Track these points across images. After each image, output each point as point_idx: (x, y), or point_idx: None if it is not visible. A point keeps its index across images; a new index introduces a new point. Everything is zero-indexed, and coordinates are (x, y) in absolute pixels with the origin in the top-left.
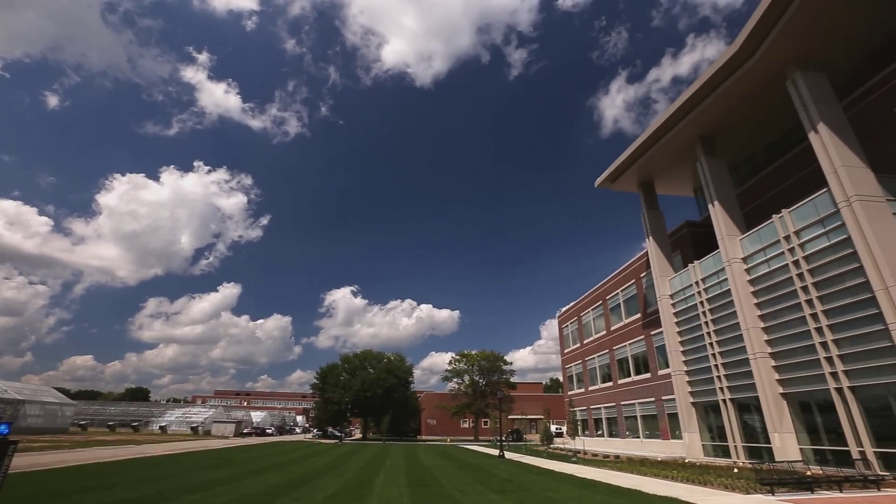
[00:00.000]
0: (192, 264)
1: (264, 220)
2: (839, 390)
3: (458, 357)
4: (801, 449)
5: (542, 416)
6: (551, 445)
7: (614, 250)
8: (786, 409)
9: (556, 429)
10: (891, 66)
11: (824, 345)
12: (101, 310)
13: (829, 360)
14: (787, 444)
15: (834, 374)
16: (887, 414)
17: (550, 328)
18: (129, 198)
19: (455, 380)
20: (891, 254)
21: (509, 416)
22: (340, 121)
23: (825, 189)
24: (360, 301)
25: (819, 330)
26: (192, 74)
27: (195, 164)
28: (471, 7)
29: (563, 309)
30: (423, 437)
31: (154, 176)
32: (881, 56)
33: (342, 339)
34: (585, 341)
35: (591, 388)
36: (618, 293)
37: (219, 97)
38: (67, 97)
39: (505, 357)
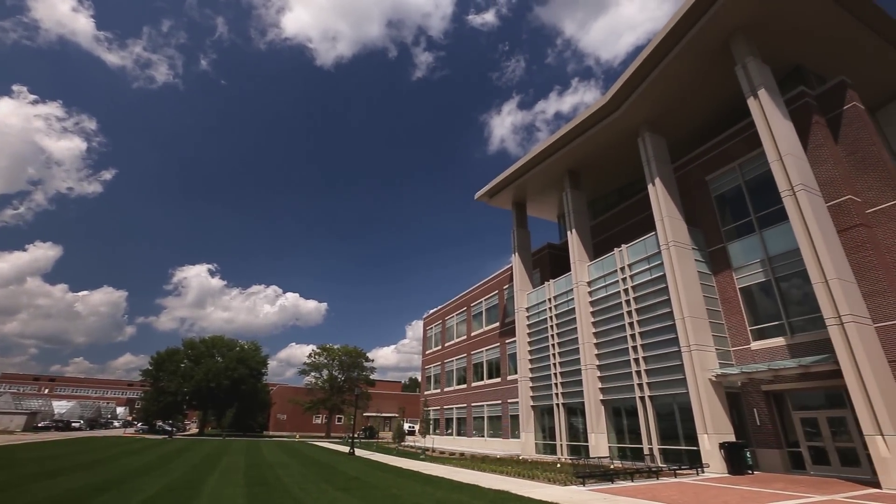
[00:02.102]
0: None
1: (107, 175)
2: (642, 398)
3: (318, 350)
4: (609, 447)
5: (398, 415)
6: (402, 443)
7: (483, 261)
8: (603, 414)
9: (410, 427)
10: (709, 142)
11: (637, 360)
12: None
13: (639, 373)
14: (600, 443)
15: (640, 385)
16: (671, 418)
17: (416, 329)
18: None
19: (313, 374)
20: (689, 291)
21: (365, 414)
22: (223, 80)
23: (653, 233)
24: (217, 281)
25: (634, 348)
26: None
27: (14, 88)
28: None
29: (430, 311)
30: (271, 433)
31: None
32: (707, 132)
33: (189, 322)
34: (447, 344)
35: (446, 390)
36: (482, 301)
37: (63, 14)
38: None
39: (367, 354)
